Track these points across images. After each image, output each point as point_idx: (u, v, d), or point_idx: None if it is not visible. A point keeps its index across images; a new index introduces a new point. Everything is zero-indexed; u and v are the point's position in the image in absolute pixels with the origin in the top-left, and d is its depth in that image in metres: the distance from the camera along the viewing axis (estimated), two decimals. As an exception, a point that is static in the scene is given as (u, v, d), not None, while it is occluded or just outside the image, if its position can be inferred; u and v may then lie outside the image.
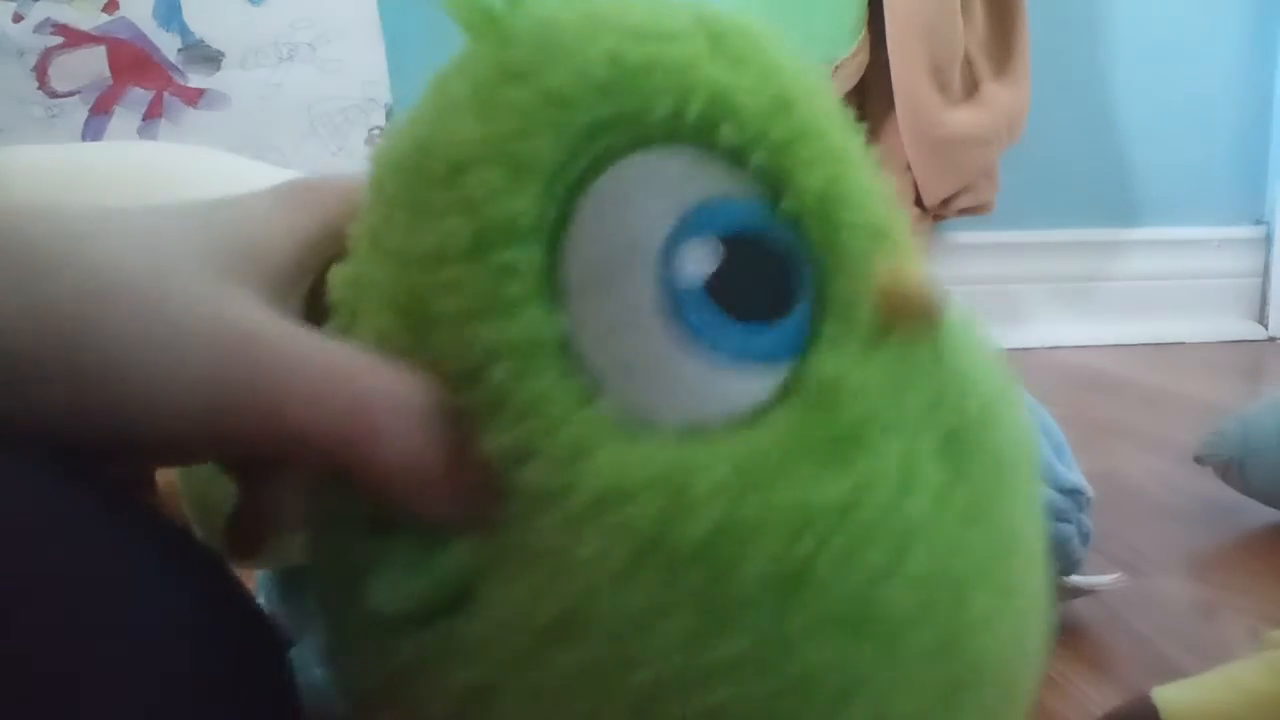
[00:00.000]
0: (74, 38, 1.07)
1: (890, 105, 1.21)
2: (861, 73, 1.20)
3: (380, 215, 0.18)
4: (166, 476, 0.56)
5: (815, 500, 0.15)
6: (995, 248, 1.41)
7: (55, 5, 1.07)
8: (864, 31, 1.18)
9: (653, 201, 0.17)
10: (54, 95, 1.07)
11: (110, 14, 1.08)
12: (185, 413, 0.17)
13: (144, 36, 1.09)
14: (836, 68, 1.18)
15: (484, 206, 0.16)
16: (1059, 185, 1.43)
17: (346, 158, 1.13)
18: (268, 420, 0.17)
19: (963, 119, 1.21)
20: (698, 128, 0.17)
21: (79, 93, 1.08)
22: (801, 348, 0.17)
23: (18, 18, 1.06)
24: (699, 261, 0.16)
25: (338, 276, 0.19)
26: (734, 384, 0.16)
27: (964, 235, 1.39)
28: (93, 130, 1.09)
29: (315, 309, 0.21)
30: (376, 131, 1.14)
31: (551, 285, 0.17)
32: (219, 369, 0.17)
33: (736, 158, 0.17)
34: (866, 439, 0.16)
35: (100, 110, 1.09)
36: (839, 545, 0.15)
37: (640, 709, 0.15)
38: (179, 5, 1.10)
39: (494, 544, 0.17)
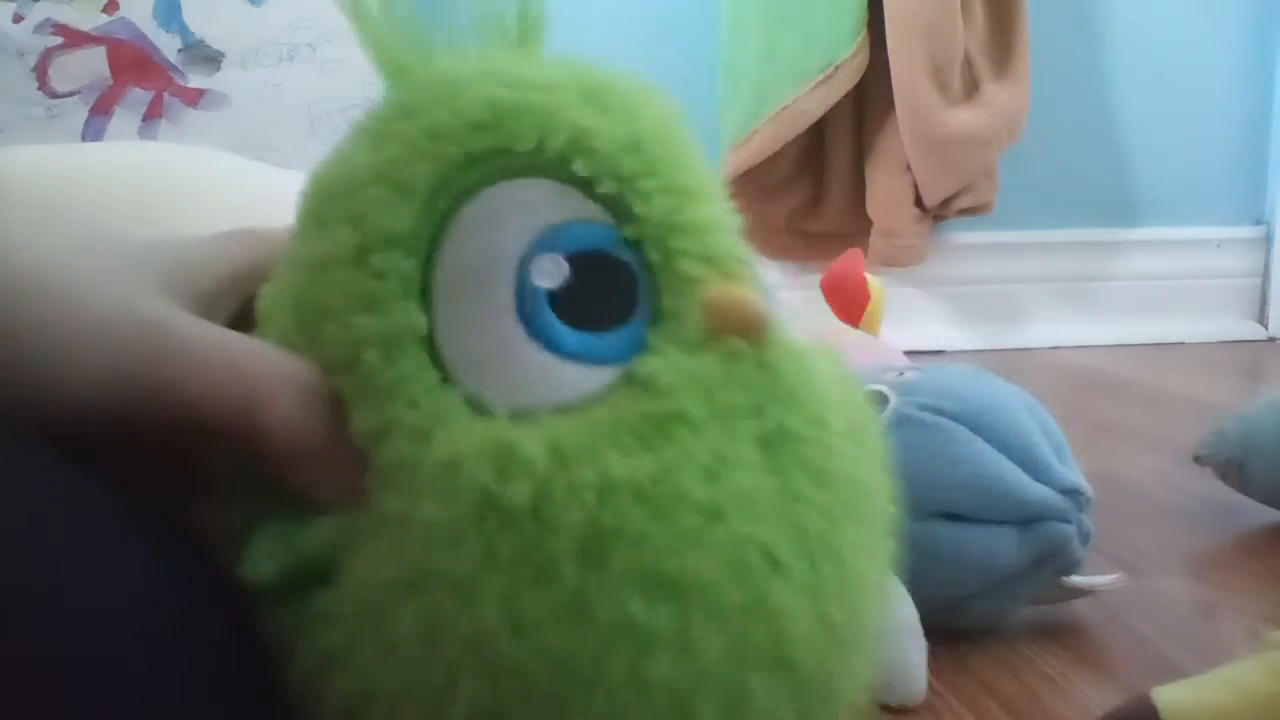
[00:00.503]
0: (74, 38, 1.07)
1: (890, 105, 1.21)
2: (861, 73, 1.19)
3: (295, 234, 0.22)
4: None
5: (619, 475, 0.18)
6: (995, 248, 1.41)
7: (55, 5, 1.07)
8: (864, 31, 1.18)
9: (514, 222, 0.20)
10: (54, 95, 1.07)
11: (110, 14, 1.08)
12: (95, 392, 0.19)
13: (144, 37, 1.09)
14: (836, 68, 1.18)
15: (368, 219, 0.20)
16: (1059, 185, 1.43)
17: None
18: (169, 396, 0.20)
19: (963, 119, 1.21)
20: (555, 162, 0.20)
21: (79, 93, 1.08)
22: (634, 353, 0.19)
23: (18, 18, 1.06)
24: (549, 274, 0.19)
25: (262, 290, 0.23)
26: (569, 378, 0.19)
27: (964, 235, 1.39)
28: (93, 130, 1.09)
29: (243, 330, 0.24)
30: (376, 131, 1.15)
31: (422, 289, 0.19)
32: (126, 351, 0.20)
33: (589, 188, 0.20)
34: (674, 429, 0.19)
35: (100, 110, 1.09)
36: (638, 516, 0.18)
37: (476, 651, 0.18)
38: (179, 5, 1.10)
39: (355, 518, 0.19)
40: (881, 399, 0.48)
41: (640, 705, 0.18)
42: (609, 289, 0.20)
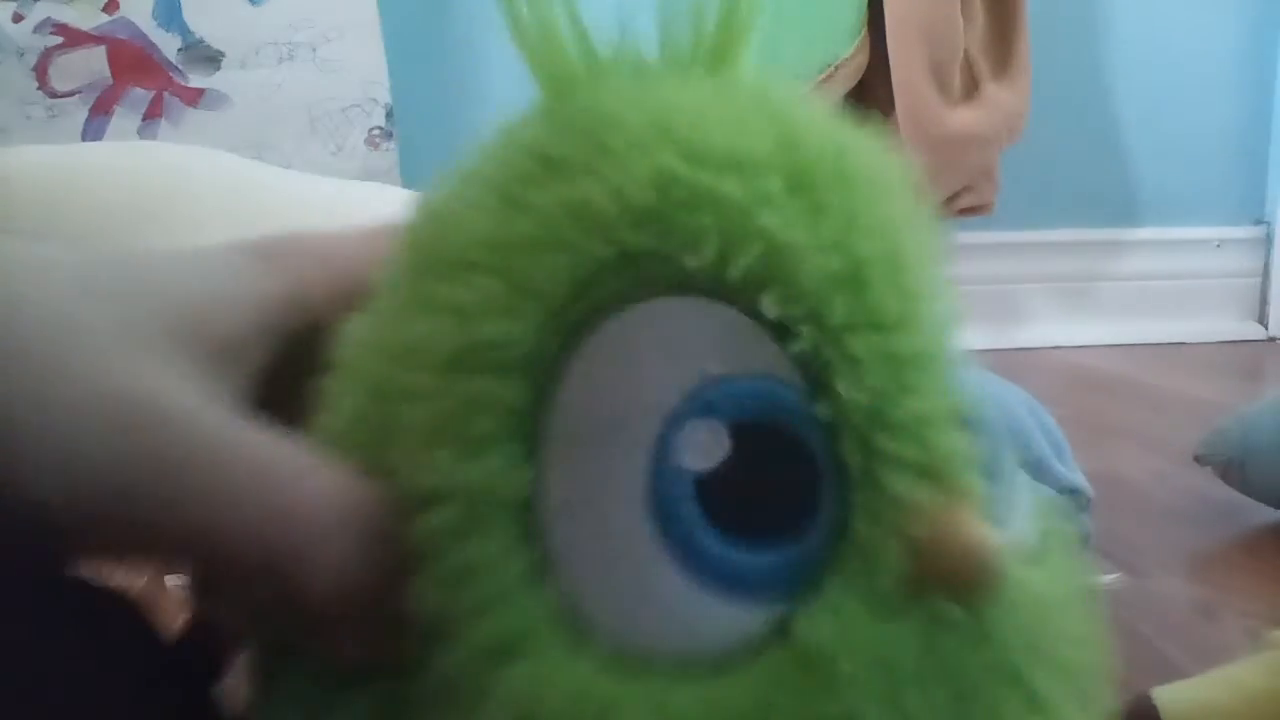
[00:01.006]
0: (74, 38, 1.07)
1: (890, 105, 1.21)
2: (861, 73, 1.20)
3: (389, 279, 0.16)
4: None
5: None
6: (995, 248, 1.41)
7: (55, 5, 1.07)
8: (864, 31, 1.18)
9: (667, 362, 0.14)
10: (54, 95, 1.07)
11: (110, 14, 1.08)
12: (80, 496, 0.14)
13: (144, 36, 1.09)
14: (836, 68, 1.18)
15: (474, 319, 0.14)
16: (1059, 185, 1.43)
17: (346, 158, 1.13)
18: (168, 515, 0.15)
19: (963, 119, 1.21)
20: (740, 286, 0.14)
21: (79, 93, 1.08)
22: (798, 588, 0.13)
23: (18, 18, 1.06)
24: (704, 450, 0.13)
25: (346, 328, 0.16)
26: (705, 615, 0.13)
27: (964, 235, 1.39)
28: (93, 130, 1.09)
29: (291, 376, 0.18)
30: (376, 131, 1.14)
31: (529, 431, 0.14)
32: (119, 453, 0.15)
33: (780, 331, 0.14)
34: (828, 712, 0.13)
35: (100, 110, 1.09)
36: None
37: None
38: (179, 5, 1.10)
39: (388, 700, 0.15)
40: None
41: None
42: (777, 479, 0.14)
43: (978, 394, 0.15)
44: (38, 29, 1.06)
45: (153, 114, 1.10)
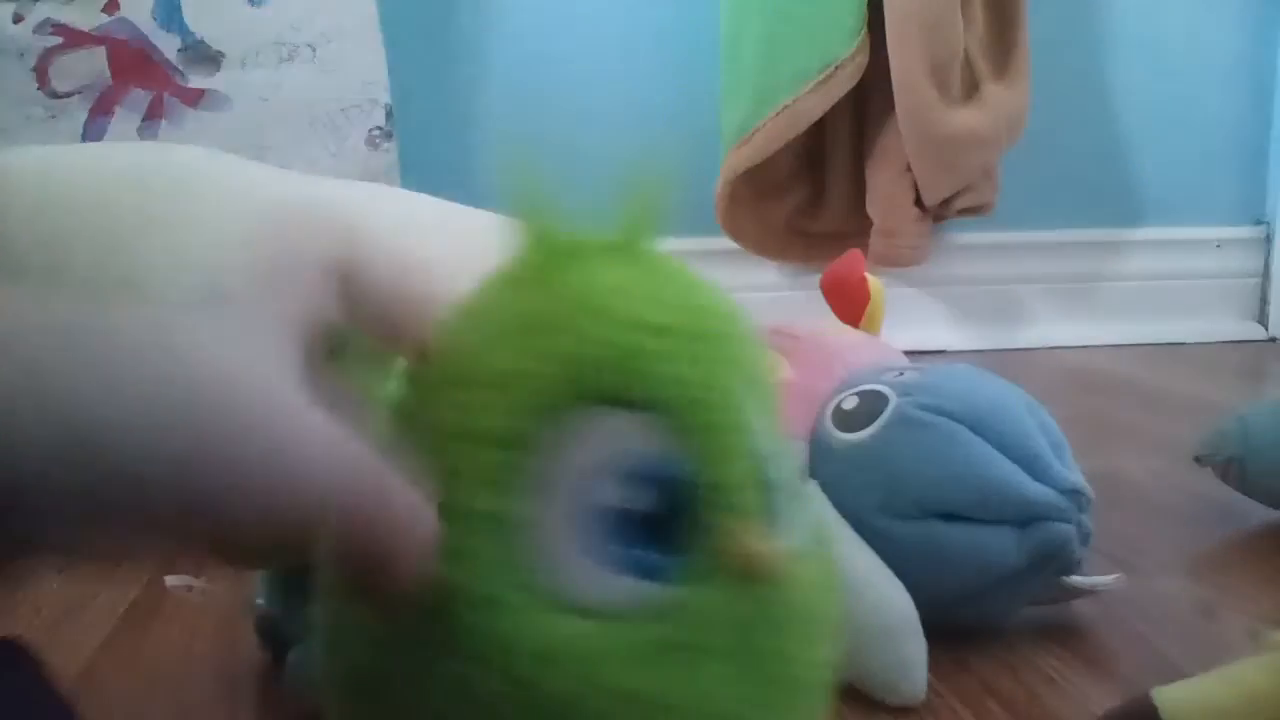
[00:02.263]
0: (74, 38, 1.07)
1: (890, 105, 1.21)
2: (861, 73, 1.20)
3: (424, 377, 0.25)
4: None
5: (624, 685, 0.22)
6: (995, 248, 1.41)
7: (55, 5, 1.07)
8: (864, 31, 1.18)
9: (604, 445, 0.23)
10: (54, 95, 1.08)
11: (110, 14, 1.08)
12: (290, 523, 0.19)
13: (144, 37, 1.09)
14: (836, 68, 1.18)
15: (503, 417, 0.23)
16: (1059, 185, 1.43)
17: (346, 158, 1.13)
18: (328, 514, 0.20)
19: (963, 119, 1.21)
20: (652, 405, 0.23)
21: (79, 93, 1.08)
22: (673, 575, 0.23)
23: (18, 18, 1.06)
24: (630, 498, 0.23)
25: (408, 372, 0.26)
26: (621, 590, 0.23)
27: (964, 235, 1.39)
28: (93, 131, 1.09)
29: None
30: (376, 131, 1.14)
31: (524, 480, 0.23)
32: (333, 488, 0.20)
33: (673, 433, 0.24)
34: (677, 651, 0.23)
35: (100, 111, 1.09)
36: (634, 715, 0.23)
37: None
38: (179, 5, 1.10)
39: (408, 656, 0.23)
40: (881, 399, 0.48)
41: None
42: (668, 513, 0.24)
43: (788, 466, 0.26)
44: (38, 29, 1.06)
45: (153, 115, 1.10)
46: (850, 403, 0.49)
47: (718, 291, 0.26)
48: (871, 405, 0.48)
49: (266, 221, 0.26)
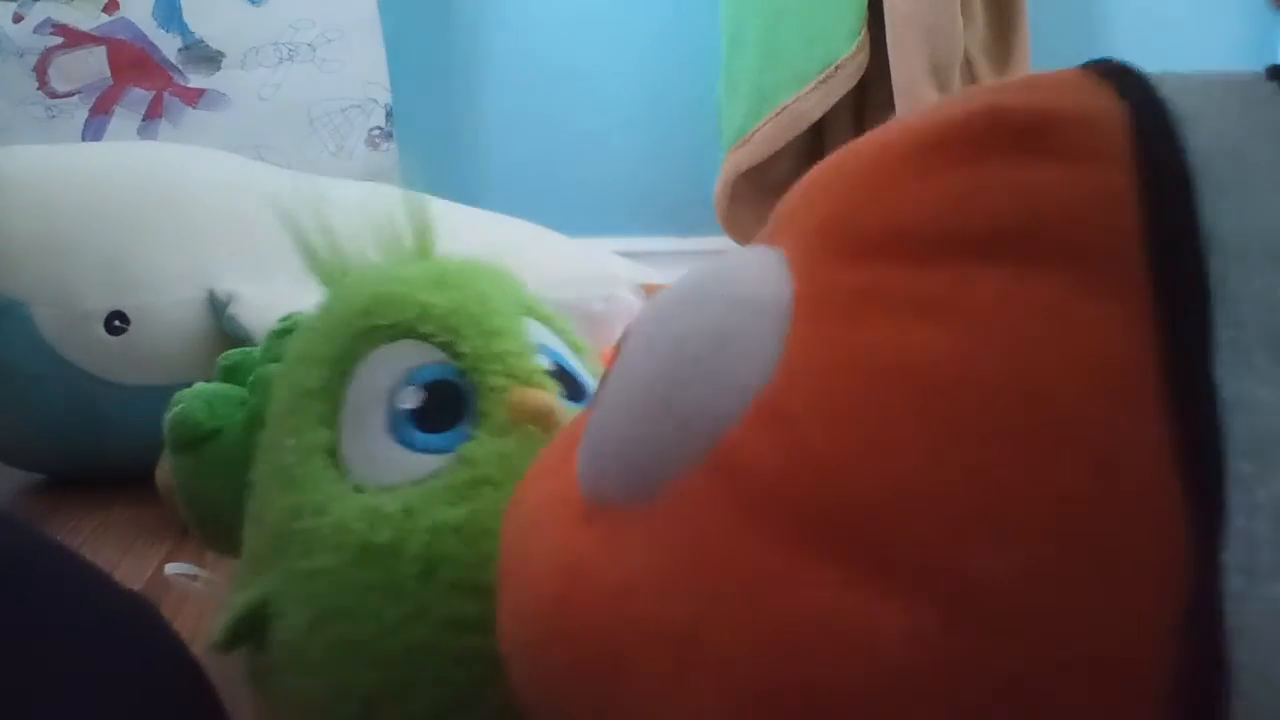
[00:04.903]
0: (74, 38, 1.07)
1: (890, 105, 1.21)
2: (861, 73, 1.20)
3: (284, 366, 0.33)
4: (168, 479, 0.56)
5: (444, 520, 0.27)
6: (995, 248, 1.41)
7: (55, 5, 1.07)
8: (864, 31, 1.18)
9: (389, 369, 0.29)
10: (54, 95, 1.08)
11: (110, 14, 1.08)
12: None
13: (144, 37, 1.09)
14: (836, 68, 1.18)
15: (299, 382, 0.30)
16: (1059, 185, 1.43)
17: (346, 158, 1.13)
18: None
19: (963, 119, 1.21)
20: (410, 328, 0.30)
21: (79, 93, 1.08)
22: (463, 442, 0.28)
23: (18, 18, 1.06)
24: (409, 399, 0.29)
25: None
26: (421, 464, 0.28)
27: (964, 235, 1.39)
28: (93, 130, 1.09)
29: None
30: (376, 131, 1.15)
31: (330, 417, 0.29)
32: None
33: (432, 340, 0.30)
34: (483, 488, 0.27)
35: (100, 110, 1.09)
36: (456, 545, 0.26)
37: (361, 654, 0.26)
38: (179, 5, 1.10)
39: (276, 580, 0.28)
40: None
41: (465, 671, 0.26)
42: (450, 402, 0.29)
43: (556, 353, 0.32)
44: (38, 29, 1.07)
45: (153, 114, 1.10)
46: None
47: (489, 265, 0.33)
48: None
49: None
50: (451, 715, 0.26)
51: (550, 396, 0.29)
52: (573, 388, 0.31)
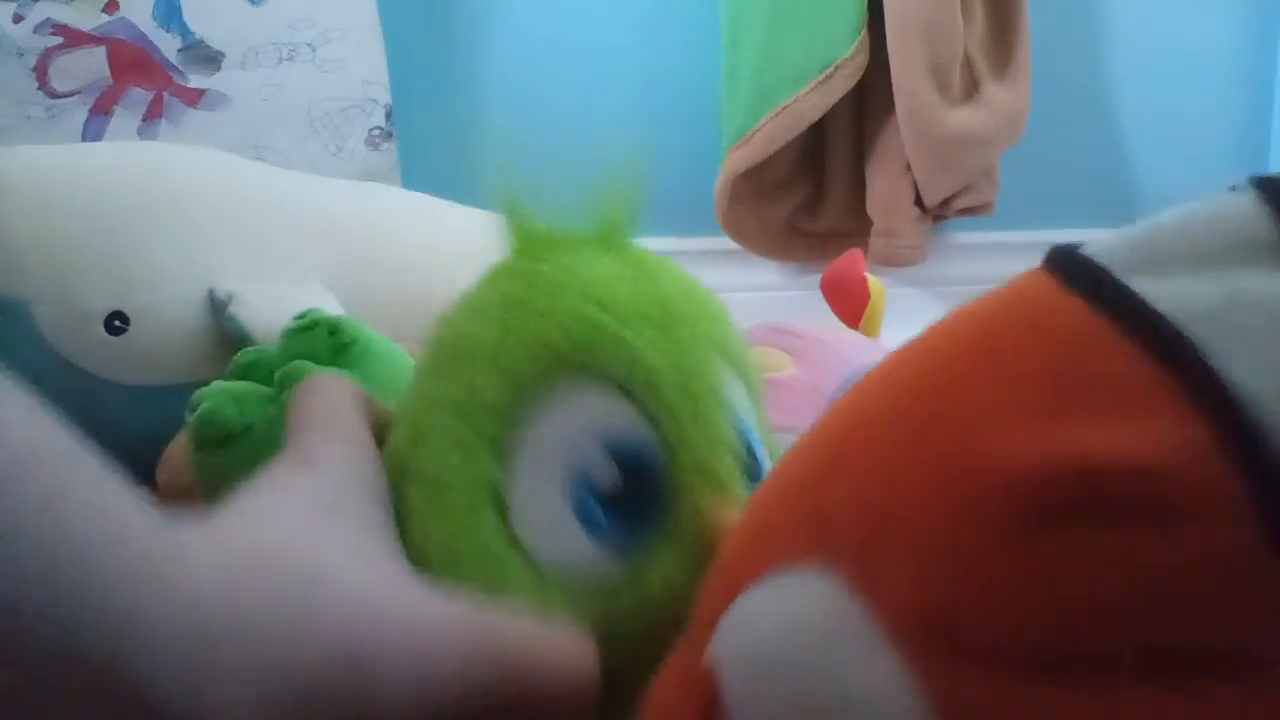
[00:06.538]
0: (74, 38, 1.07)
1: (890, 105, 1.21)
2: (861, 73, 1.20)
3: (423, 361, 0.27)
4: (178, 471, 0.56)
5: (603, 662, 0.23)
6: (995, 248, 1.41)
7: (55, 5, 1.07)
8: (864, 31, 1.18)
9: (581, 420, 0.25)
10: (54, 95, 1.08)
11: (110, 14, 1.08)
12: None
13: (144, 37, 1.09)
14: (836, 68, 1.18)
15: (477, 388, 0.25)
16: (1059, 185, 1.43)
17: (346, 158, 1.13)
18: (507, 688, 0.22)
19: (963, 119, 1.21)
20: (628, 389, 0.25)
21: (79, 93, 1.08)
22: (645, 545, 0.25)
23: (18, 18, 1.06)
24: (601, 472, 0.25)
25: (400, 396, 0.28)
26: (591, 555, 0.24)
27: (964, 235, 1.39)
28: (93, 130, 1.09)
29: None
30: (376, 132, 1.14)
31: (500, 445, 0.25)
32: (474, 675, 0.21)
33: (648, 414, 0.25)
34: (636, 621, 0.24)
35: (100, 110, 1.09)
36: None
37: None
38: (179, 5, 1.10)
39: None
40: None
41: None
42: (633, 477, 0.25)
43: (750, 435, 0.27)
44: (38, 29, 1.06)
45: (153, 114, 1.10)
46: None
47: (695, 282, 0.28)
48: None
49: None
50: None
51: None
52: (752, 470, 0.27)
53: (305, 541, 0.21)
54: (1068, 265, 0.17)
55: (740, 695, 0.18)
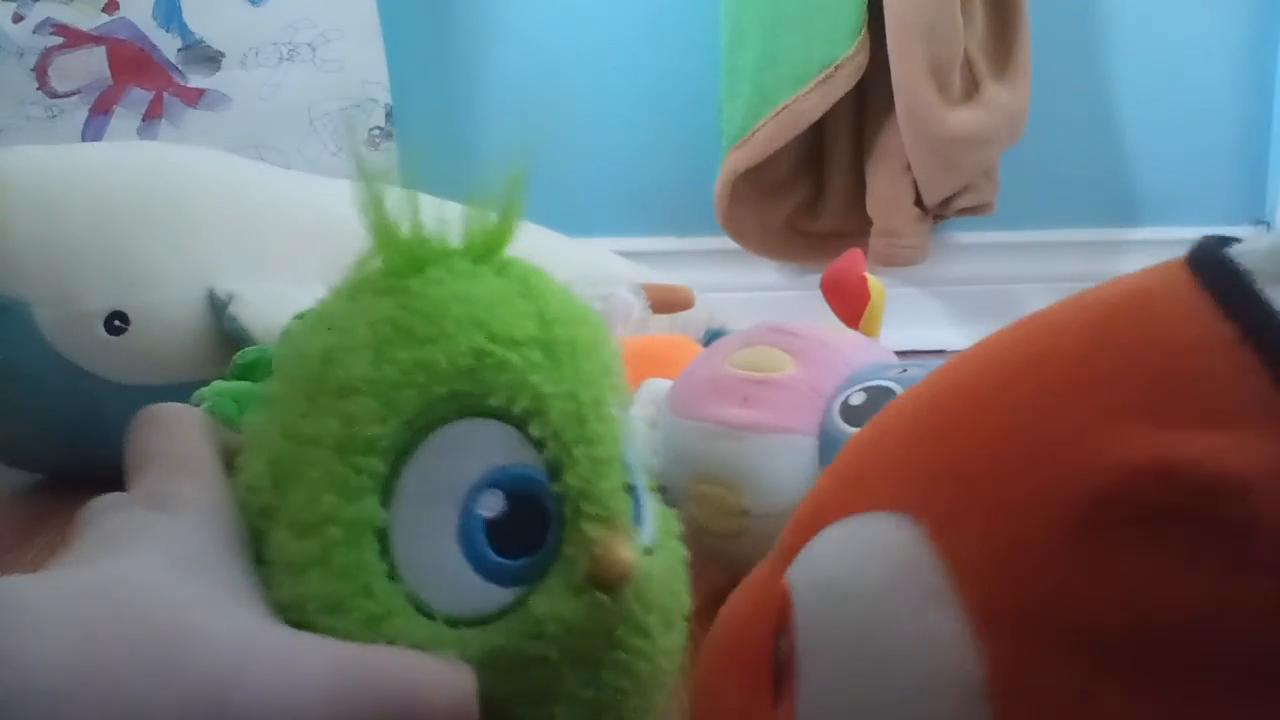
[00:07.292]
0: (74, 38, 1.07)
1: (890, 105, 1.21)
2: (861, 73, 1.19)
3: (281, 390, 0.25)
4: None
5: (498, 695, 0.23)
6: (995, 248, 1.41)
7: (55, 5, 1.07)
8: (864, 31, 1.18)
9: (473, 455, 0.24)
10: (54, 95, 1.08)
11: (110, 14, 1.08)
12: None
13: (144, 37, 1.09)
14: (836, 68, 1.18)
15: (358, 423, 0.23)
16: (1059, 185, 1.43)
17: (346, 158, 1.13)
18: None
19: (963, 119, 1.21)
20: (517, 417, 0.24)
21: (79, 93, 1.08)
22: (536, 579, 0.24)
23: (18, 18, 1.06)
24: (490, 507, 0.24)
25: (249, 423, 0.26)
26: (485, 594, 0.24)
27: (964, 235, 1.39)
28: (93, 130, 1.09)
29: None
30: (376, 131, 1.14)
31: (387, 489, 0.24)
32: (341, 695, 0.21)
33: (537, 443, 0.24)
34: (536, 666, 0.24)
35: (100, 110, 1.09)
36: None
37: None
38: (179, 5, 1.10)
39: None
40: (888, 394, 0.48)
41: None
42: (526, 513, 0.24)
43: (639, 464, 0.27)
44: (38, 29, 1.06)
45: (153, 114, 1.10)
46: (858, 398, 0.50)
47: (573, 296, 0.27)
48: (878, 400, 0.49)
49: None
50: None
51: (633, 561, 0.24)
52: (632, 488, 0.26)
53: (164, 594, 0.21)
54: (1210, 265, 0.16)
55: (809, 616, 0.19)
